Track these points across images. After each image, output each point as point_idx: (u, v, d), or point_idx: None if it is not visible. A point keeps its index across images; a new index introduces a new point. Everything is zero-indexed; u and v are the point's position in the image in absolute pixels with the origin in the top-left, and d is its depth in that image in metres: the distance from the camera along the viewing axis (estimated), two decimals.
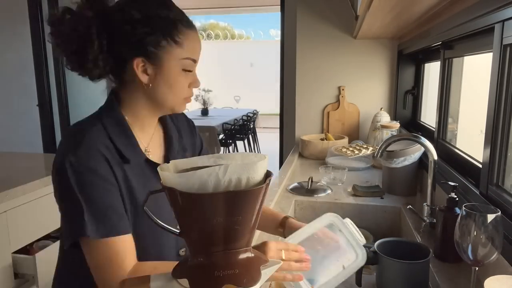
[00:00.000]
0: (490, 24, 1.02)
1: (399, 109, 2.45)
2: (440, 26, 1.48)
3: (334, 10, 2.46)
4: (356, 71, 2.52)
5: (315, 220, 0.87)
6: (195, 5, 8.78)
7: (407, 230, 1.36)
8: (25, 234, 1.67)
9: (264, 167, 0.57)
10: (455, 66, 1.59)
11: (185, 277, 0.58)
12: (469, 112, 1.65)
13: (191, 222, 0.57)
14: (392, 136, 1.35)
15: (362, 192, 1.63)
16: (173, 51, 0.79)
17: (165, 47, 0.78)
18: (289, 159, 2.27)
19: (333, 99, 2.58)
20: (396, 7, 1.38)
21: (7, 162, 2.12)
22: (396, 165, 1.51)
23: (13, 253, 1.60)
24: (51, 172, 0.79)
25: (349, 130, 2.57)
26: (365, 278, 0.98)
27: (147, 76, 0.80)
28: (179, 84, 0.82)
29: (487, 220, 0.73)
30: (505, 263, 0.84)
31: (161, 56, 0.79)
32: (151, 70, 0.80)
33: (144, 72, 0.80)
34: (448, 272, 0.97)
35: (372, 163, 2.10)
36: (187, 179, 0.53)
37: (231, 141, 6.14)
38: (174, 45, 0.79)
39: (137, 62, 0.78)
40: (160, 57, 0.79)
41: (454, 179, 1.25)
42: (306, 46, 2.54)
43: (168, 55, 0.79)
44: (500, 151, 1.00)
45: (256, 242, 1.19)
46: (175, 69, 0.80)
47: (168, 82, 0.81)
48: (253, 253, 0.60)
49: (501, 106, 0.99)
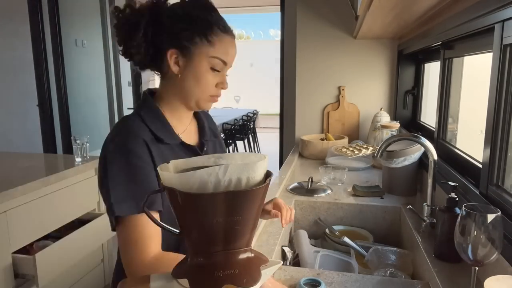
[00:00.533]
0: (490, 24, 1.02)
1: (399, 109, 2.45)
2: (440, 26, 1.48)
3: (334, 10, 2.47)
4: (356, 71, 2.52)
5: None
6: None
7: (407, 230, 1.36)
8: (25, 234, 1.67)
9: (264, 167, 0.57)
10: (455, 66, 1.59)
11: (185, 277, 0.58)
12: (469, 112, 1.65)
13: (191, 222, 0.57)
14: (392, 136, 1.35)
15: (362, 192, 1.63)
16: (204, 48, 0.87)
17: (197, 43, 0.86)
18: (289, 159, 2.27)
19: (333, 99, 2.58)
20: (396, 7, 1.38)
21: (7, 162, 2.12)
22: (396, 165, 1.52)
23: (13, 253, 1.60)
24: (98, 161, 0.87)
25: (349, 130, 2.57)
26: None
27: (178, 67, 0.88)
28: (205, 80, 0.89)
29: (487, 220, 0.73)
30: (505, 263, 0.84)
31: (193, 51, 0.87)
32: (182, 62, 0.88)
33: (176, 63, 0.88)
34: (448, 272, 0.97)
35: (372, 163, 2.10)
36: (187, 179, 0.53)
37: (231, 141, 6.14)
38: (206, 43, 0.87)
39: (171, 52, 0.87)
40: (191, 51, 0.87)
41: (454, 179, 1.25)
42: (306, 46, 2.54)
43: (199, 51, 0.87)
44: (500, 151, 1.00)
45: (256, 242, 1.20)
46: (203, 65, 0.88)
47: (195, 76, 0.89)
48: (253, 253, 0.60)
49: (501, 106, 0.99)
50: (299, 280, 0.96)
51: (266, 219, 1.18)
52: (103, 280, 2.23)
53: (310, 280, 0.96)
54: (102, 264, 2.22)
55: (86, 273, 2.07)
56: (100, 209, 2.19)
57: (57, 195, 1.85)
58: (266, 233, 1.28)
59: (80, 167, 2.01)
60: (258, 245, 1.19)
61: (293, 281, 1.00)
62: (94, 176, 2.13)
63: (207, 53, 0.87)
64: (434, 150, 1.25)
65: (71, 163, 2.04)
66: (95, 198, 2.16)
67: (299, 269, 1.09)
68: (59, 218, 1.87)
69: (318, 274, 1.03)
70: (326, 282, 0.98)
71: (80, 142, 2.06)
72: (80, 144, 2.06)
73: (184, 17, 0.87)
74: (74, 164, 2.02)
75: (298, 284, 0.95)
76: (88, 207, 2.11)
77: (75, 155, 2.06)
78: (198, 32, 0.86)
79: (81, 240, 1.86)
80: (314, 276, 0.99)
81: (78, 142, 2.05)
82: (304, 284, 0.94)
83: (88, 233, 1.91)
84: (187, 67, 0.88)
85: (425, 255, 1.07)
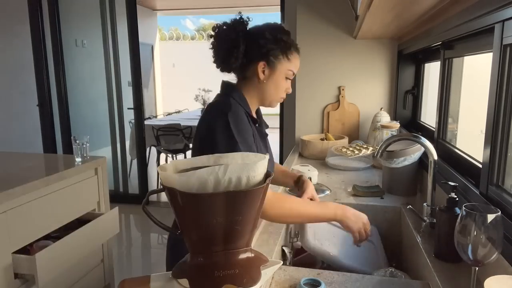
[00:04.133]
0: (490, 24, 1.02)
1: (399, 109, 2.45)
2: (440, 26, 1.48)
3: (334, 10, 2.47)
4: (356, 71, 2.52)
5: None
6: (196, 5, 8.79)
7: (407, 230, 1.36)
8: (25, 234, 1.67)
9: (264, 166, 0.57)
10: (455, 66, 1.59)
11: (185, 277, 0.59)
12: (469, 112, 1.65)
13: (191, 222, 0.57)
14: (392, 136, 1.35)
15: (362, 192, 1.63)
16: (284, 63, 1.18)
17: (280, 60, 1.17)
18: (289, 159, 2.27)
19: (333, 99, 2.58)
20: (396, 7, 1.38)
21: (7, 162, 2.12)
22: (396, 165, 1.51)
23: (13, 253, 1.60)
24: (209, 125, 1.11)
25: (349, 130, 2.57)
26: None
27: (263, 75, 1.17)
28: (281, 86, 1.21)
29: (487, 220, 0.73)
30: (505, 263, 0.84)
31: (276, 65, 1.17)
32: (267, 72, 1.18)
33: (262, 72, 1.17)
34: (448, 272, 0.97)
35: (372, 163, 2.10)
36: (187, 178, 0.53)
37: None
38: (287, 60, 1.18)
39: (261, 64, 1.16)
40: (275, 65, 1.17)
41: (454, 179, 1.25)
42: (306, 46, 2.54)
43: (280, 65, 1.18)
44: (500, 151, 1.00)
45: (256, 242, 1.20)
46: (281, 75, 1.19)
47: (275, 83, 1.19)
48: (253, 253, 0.60)
49: (501, 106, 0.99)
50: (299, 280, 0.96)
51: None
52: (103, 280, 2.23)
53: (310, 280, 0.96)
54: (102, 264, 2.22)
55: (86, 273, 2.07)
56: (100, 209, 2.19)
57: (57, 195, 1.85)
58: (266, 233, 1.28)
59: (80, 167, 2.01)
60: (258, 245, 1.19)
61: (293, 281, 1.00)
62: (94, 176, 2.13)
63: (286, 67, 1.18)
64: (434, 150, 1.25)
65: (71, 163, 2.04)
66: (95, 198, 2.16)
67: (299, 269, 1.09)
68: (59, 218, 1.87)
69: (318, 274, 1.03)
70: (326, 282, 0.98)
71: (80, 142, 2.06)
72: (80, 144, 2.05)
73: (273, 39, 1.15)
74: (74, 164, 2.02)
75: (298, 284, 0.95)
76: (88, 207, 2.11)
77: (75, 155, 2.06)
78: (282, 51, 1.16)
79: (81, 240, 1.86)
80: (314, 276, 0.99)
81: (78, 142, 2.05)
82: (304, 284, 0.94)
83: (88, 233, 1.91)
84: (271, 76, 1.18)
85: (425, 255, 1.07)
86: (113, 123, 4.43)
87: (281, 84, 1.20)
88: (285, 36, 1.18)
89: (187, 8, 9.23)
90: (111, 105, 4.40)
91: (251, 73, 1.18)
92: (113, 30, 4.25)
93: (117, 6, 4.17)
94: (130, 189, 4.55)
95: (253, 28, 1.18)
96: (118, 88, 4.36)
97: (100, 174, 2.17)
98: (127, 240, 3.62)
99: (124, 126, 4.47)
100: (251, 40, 1.15)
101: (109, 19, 4.22)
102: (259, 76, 1.17)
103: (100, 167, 2.17)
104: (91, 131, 4.49)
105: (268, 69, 1.17)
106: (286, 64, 1.18)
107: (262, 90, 1.20)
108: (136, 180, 4.46)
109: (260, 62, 1.16)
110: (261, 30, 1.17)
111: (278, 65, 1.17)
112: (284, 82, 1.21)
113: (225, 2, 8.25)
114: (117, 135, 4.47)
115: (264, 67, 1.16)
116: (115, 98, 4.37)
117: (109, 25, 4.23)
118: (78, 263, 1.95)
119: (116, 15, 4.21)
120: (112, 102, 4.39)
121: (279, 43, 1.16)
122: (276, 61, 1.17)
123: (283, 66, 1.18)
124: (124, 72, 4.31)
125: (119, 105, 4.40)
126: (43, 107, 4.35)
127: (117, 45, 4.27)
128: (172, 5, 8.85)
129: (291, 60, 1.19)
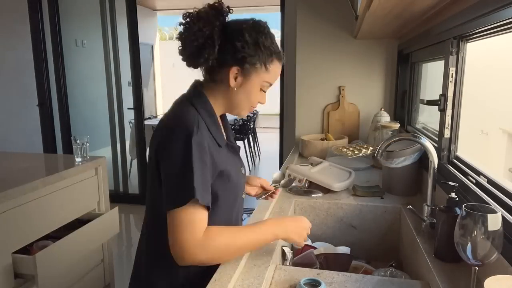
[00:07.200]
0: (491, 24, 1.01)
1: (399, 109, 2.45)
2: (440, 26, 1.48)
3: (334, 10, 2.46)
4: (356, 71, 2.51)
5: None
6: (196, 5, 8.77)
7: (407, 230, 1.36)
8: (25, 234, 1.67)
9: None
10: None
11: None
12: (469, 112, 1.64)
13: None
14: (392, 136, 1.35)
15: (362, 192, 1.63)
16: (261, 73, 1.01)
17: (257, 69, 1.00)
18: (289, 159, 2.27)
19: (333, 99, 2.58)
20: (396, 7, 1.38)
21: (7, 162, 2.12)
22: (396, 165, 1.51)
23: (13, 253, 1.60)
24: (161, 143, 0.95)
25: (349, 130, 2.57)
26: None
27: (235, 82, 1.01)
28: (253, 97, 1.04)
29: (487, 220, 0.73)
30: (505, 263, 0.84)
31: (251, 73, 1.00)
32: (240, 79, 1.01)
33: (234, 78, 1.00)
34: (448, 272, 0.97)
35: (372, 163, 2.10)
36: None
37: None
38: (264, 69, 1.01)
39: (233, 69, 0.99)
40: (250, 73, 1.00)
41: (454, 179, 1.25)
42: (306, 46, 2.54)
43: (256, 75, 1.01)
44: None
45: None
46: (256, 86, 1.03)
47: (247, 92, 1.03)
48: None
49: None
50: (299, 280, 0.96)
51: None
52: (103, 280, 2.23)
53: (310, 280, 0.96)
54: (102, 264, 2.22)
55: (86, 273, 2.07)
56: (100, 209, 2.20)
57: (57, 195, 1.85)
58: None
59: (80, 167, 2.01)
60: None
61: (293, 281, 1.00)
62: (94, 176, 2.13)
63: (262, 78, 1.02)
64: (434, 150, 1.25)
65: (71, 163, 2.04)
66: (95, 198, 2.16)
67: (299, 269, 1.09)
68: (59, 218, 1.87)
69: (318, 274, 1.03)
70: (326, 282, 0.98)
71: (80, 142, 2.06)
72: (80, 144, 2.05)
73: (252, 44, 0.98)
74: (74, 164, 2.02)
75: (298, 284, 0.95)
76: (88, 207, 2.11)
77: (75, 155, 2.06)
78: (261, 60, 1.00)
79: (81, 240, 1.86)
80: (314, 276, 0.99)
81: (78, 142, 2.05)
82: (304, 284, 0.94)
83: (88, 233, 1.91)
84: (243, 84, 1.01)
85: (425, 255, 1.07)
86: (113, 123, 4.43)
87: (254, 95, 1.04)
88: (268, 41, 1.00)
89: (187, 8, 9.19)
90: (111, 105, 4.40)
91: (222, 76, 1.01)
92: (113, 30, 4.25)
93: (117, 6, 4.17)
94: (130, 189, 4.55)
95: (232, 22, 1.01)
96: (118, 88, 4.36)
97: (100, 174, 2.17)
98: (127, 240, 3.62)
99: (124, 126, 4.47)
100: (227, 38, 0.98)
101: (109, 19, 4.22)
102: (229, 83, 1.00)
103: (100, 167, 2.17)
104: (91, 131, 4.49)
105: (241, 77, 1.00)
106: (263, 75, 1.02)
107: (231, 98, 1.04)
108: (136, 180, 4.46)
109: (233, 67, 0.99)
110: (241, 28, 0.98)
111: (254, 74, 1.01)
112: (258, 93, 1.05)
113: (225, 2, 8.25)
114: (117, 135, 4.47)
115: (237, 74, 1.00)
116: (115, 98, 4.37)
117: (109, 25, 4.23)
118: (78, 263, 1.95)
119: (116, 15, 4.21)
120: (112, 102, 4.39)
121: (259, 49, 0.99)
122: (252, 70, 1.00)
123: (259, 76, 1.01)
124: (124, 72, 4.30)
125: (119, 105, 4.40)
126: (43, 107, 4.35)
127: (117, 45, 4.27)
128: (172, 5, 8.85)
129: (270, 71, 1.02)
